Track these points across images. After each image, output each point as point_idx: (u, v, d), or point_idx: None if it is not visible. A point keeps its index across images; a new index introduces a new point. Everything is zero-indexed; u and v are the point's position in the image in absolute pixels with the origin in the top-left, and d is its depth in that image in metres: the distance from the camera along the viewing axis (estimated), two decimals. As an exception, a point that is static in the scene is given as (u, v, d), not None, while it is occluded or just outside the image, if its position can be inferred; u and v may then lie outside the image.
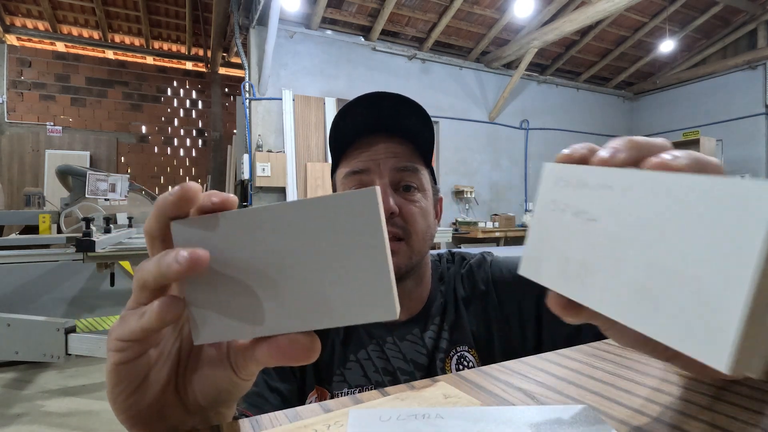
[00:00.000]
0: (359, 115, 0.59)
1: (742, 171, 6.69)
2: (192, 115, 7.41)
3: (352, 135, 0.60)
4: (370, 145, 0.59)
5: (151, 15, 6.30)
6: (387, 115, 0.58)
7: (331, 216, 0.20)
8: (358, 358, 0.61)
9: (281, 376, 0.58)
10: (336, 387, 0.60)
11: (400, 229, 0.58)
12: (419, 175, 0.60)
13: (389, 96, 0.58)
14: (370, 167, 0.58)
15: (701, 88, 7.15)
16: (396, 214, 0.57)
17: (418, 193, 0.60)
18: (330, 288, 0.20)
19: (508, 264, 0.67)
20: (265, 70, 4.91)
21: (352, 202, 0.19)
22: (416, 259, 0.60)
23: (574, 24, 5.19)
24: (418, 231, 0.59)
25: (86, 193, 3.25)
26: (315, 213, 0.20)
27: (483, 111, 6.54)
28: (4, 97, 6.10)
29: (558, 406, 0.25)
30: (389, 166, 0.58)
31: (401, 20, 5.70)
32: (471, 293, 0.66)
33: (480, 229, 5.77)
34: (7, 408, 2.29)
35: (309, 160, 5.11)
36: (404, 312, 0.63)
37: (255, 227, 0.21)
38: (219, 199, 0.22)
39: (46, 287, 3.24)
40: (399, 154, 0.59)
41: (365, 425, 0.24)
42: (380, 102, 0.58)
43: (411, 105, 0.58)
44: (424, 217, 0.60)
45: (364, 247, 0.19)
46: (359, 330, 0.63)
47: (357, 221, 0.19)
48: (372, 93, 0.58)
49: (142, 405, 0.25)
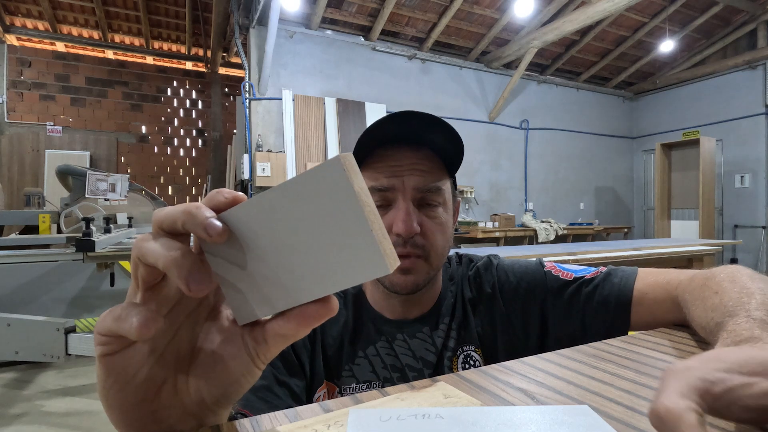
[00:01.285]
0: (388, 128, 0.58)
1: (742, 171, 6.69)
2: (192, 115, 7.40)
3: (377, 144, 0.60)
4: (395, 155, 0.59)
5: (151, 15, 6.30)
6: (414, 128, 0.58)
7: (311, 192, 0.21)
8: (366, 354, 0.62)
9: (290, 370, 0.58)
10: (344, 382, 0.61)
11: (420, 248, 0.58)
12: (442, 192, 0.60)
13: (420, 114, 0.57)
14: (395, 185, 0.58)
15: (701, 88, 7.15)
16: (417, 233, 0.57)
17: (440, 208, 0.60)
18: (327, 256, 0.22)
19: (514, 268, 0.68)
20: (265, 70, 4.91)
21: (323, 174, 0.21)
22: (433, 275, 0.61)
23: (574, 24, 5.19)
24: (437, 247, 0.59)
25: (86, 193, 3.25)
26: (296, 191, 0.22)
27: (483, 111, 6.53)
28: (4, 97, 6.10)
29: (558, 406, 0.25)
30: (412, 184, 0.58)
31: (401, 20, 5.70)
32: (477, 295, 0.67)
33: (480, 229, 5.77)
34: (7, 408, 2.28)
35: (309, 160, 5.11)
36: (415, 310, 0.64)
37: (256, 214, 0.23)
38: (231, 196, 0.24)
39: (46, 287, 3.24)
40: (424, 171, 0.59)
41: (365, 425, 0.24)
42: (410, 119, 0.57)
43: (440, 123, 0.57)
44: (443, 233, 0.60)
45: (344, 213, 0.21)
46: (369, 327, 0.64)
47: (332, 191, 0.21)
48: (403, 111, 0.57)
49: (133, 401, 0.25)
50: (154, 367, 0.26)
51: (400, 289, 0.59)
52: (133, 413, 0.25)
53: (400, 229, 0.55)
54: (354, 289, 0.66)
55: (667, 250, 2.87)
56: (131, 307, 0.23)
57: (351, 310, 0.65)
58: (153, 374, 0.25)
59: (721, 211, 6.86)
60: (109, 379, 0.25)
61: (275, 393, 0.54)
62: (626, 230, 7.45)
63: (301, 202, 0.21)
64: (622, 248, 2.79)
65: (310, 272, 0.22)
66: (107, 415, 0.26)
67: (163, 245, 0.23)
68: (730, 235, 6.79)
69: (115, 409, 0.25)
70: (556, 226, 6.43)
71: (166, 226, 0.24)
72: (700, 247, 3.12)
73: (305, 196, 0.21)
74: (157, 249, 0.22)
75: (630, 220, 8.09)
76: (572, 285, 0.62)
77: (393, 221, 0.56)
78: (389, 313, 0.64)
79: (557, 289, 0.63)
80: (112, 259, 2.61)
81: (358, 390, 0.61)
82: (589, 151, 7.65)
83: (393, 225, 0.56)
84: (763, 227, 6.47)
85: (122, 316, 0.23)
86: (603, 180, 7.84)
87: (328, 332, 0.63)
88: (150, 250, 0.23)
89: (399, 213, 0.56)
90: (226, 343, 0.27)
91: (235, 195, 0.24)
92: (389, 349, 0.62)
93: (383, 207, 0.58)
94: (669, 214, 6.49)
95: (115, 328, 0.23)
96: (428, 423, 0.23)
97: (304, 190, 0.21)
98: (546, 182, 7.17)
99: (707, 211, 5.85)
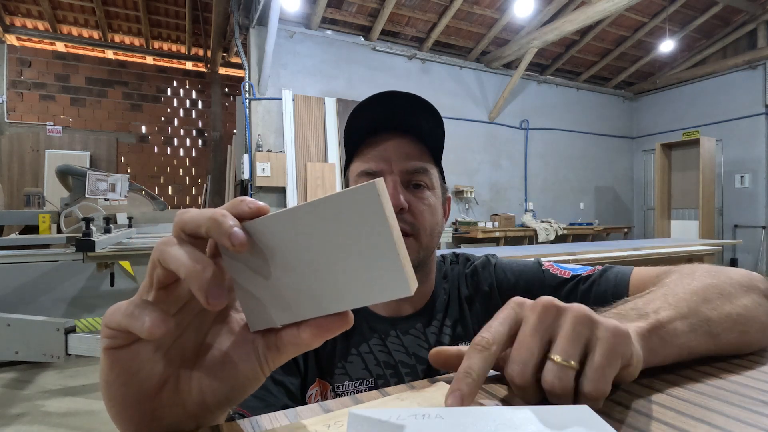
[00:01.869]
0: (373, 113, 0.60)
1: (742, 171, 6.69)
2: (192, 115, 7.40)
3: (366, 132, 0.62)
4: (383, 142, 0.62)
5: (151, 15, 6.30)
6: (400, 113, 0.60)
7: (341, 211, 0.22)
8: (359, 351, 0.62)
9: (286, 369, 0.59)
10: (337, 379, 0.61)
11: (409, 225, 0.59)
12: (429, 174, 0.62)
13: (402, 95, 0.59)
14: (383, 168, 0.60)
15: (701, 88, 7.15)
16: (405, 210, 0.59)
17: (427, 190, 0.62)
18: (351, 274, 0.23)
19: (512, 267, 0.69)
20: (265, 70, 4.91)
21: (357, 197, 0.22)
22: (423, 254, 0.62)
23: (574, 24, 5.19)
24: (426, 227, 0.60)
25: (86, 193, 3.25)
26: (327, 210, 0.22)
27: (483, 111, 6.53)
28: (4, 97, 6.10)
29: (558, 406, 0.25)
30: (400, 167, 0.60)
31: (401, 20, 5.70)
32: (474, 293, 0.68)
33: (480, 229, 5.77)
34: (7, 408, 2.28)
35: (309, 160, 5.11)
36: (408, 306, 0.65)
37: (283, 227, 0.24)
38: (255, 207, 0.24)
39: (46, 287, 3.24)
40: (410, 154, 0.61)
41: (365, 425, 0.24)
42: (393, 100, 0.59)
43: (423, 105, 0.60)
44: (432, 214, 0.62)
45: (373, 234, 0.22)
46: (362, 324, 0.64)
47: (363, 213, 0.22)
48: (385, 92, 0.59)
49: (134, 397, 0.25)
50: (158, 364, 0.26)
51: None
52: (133, 409, 0.25)
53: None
54: None
55: (667, 250, 2.87)
56: (144, 305, 0.23)
57: None
58: (157, 371, 0.26)
59: (721, 211, 6.87)
60: (112, 372, 0.25)
61: (271, 391, 0.55)
62: (626, 230, 7.45)
63: (333, 221, 0.22)
64: (622, 248, 2.79)
65: (333, 287, 0.23)
66: (107, 408, 0.26)
67: (188, 255, 0.23)
68: (730, 235, 6.79)
69: (115, 404, 0.25)
70: (556, 226, 6.43)
71: (189, 229, 0.24)
72: (700, 247, 3.12)
73: (338, 216, 0.22)
74: (181, 257, 0.23)
75: (630, 220, 8.09)
76: (569, 282, 0.63)
77: None
78: (382, 309, 0.65)
79: (555, 287, 0.64)
80: (112, 259, 2.61)
81: (351, 387, 0.61)
82: (589, 151, 7.65)
83: None
84: (763, 227, 6.47)
85: (135, 314, 0.23)
86: (603, 180, 7.84)
87: None
88: (173, 257, 0.23)
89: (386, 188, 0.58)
90: (235, 347, 0.27)
91: (259, 206, 0.24)
92: (382, 346, 0.63)
93: None
94: (669, 214, 6.49)
95: (125, 324, 0.23)
96: (428, 423, 0.23)
97: (337, 210, 0.22)
98: (546, 182, 7.17)
99: (707, 211, 5.85)
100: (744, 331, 0.38)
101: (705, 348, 0.36)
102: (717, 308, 0.38)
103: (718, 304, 0.39)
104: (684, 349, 0.35)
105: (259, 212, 0.24)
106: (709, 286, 0.41)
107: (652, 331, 0.33)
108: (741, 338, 0.38)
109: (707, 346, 0.36)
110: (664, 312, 0.36)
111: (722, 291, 0.40)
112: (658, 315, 0.35)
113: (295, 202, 4.97)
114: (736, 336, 0.37)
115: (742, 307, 0.39)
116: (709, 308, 0.38)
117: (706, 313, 0.37)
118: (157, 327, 0.22)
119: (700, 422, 0.26)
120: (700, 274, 0.44)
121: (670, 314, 0.36)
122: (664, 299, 0.38)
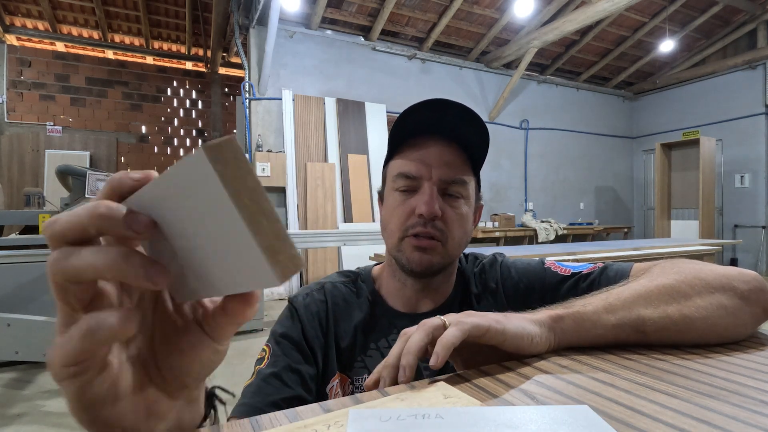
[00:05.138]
0: (422, 115, 0.61)
1: (742, 171, 6.69)
2: (192, 115, 7.40)
3: (411, 132, 0.63)
4: (426, 146, 0.62)
5: (151, 15, 6.30)
6: (448, 120, 0.61)
7: (182, 189, 0.18)
8: (378, 346, 0.64)
9: (304, 358, 0.61)
10: (356, 373, 0.63)
11: (439, 231, 0.61)
12: (466, 185, 0.63)
13: (454, 104, 0.60)
14: (423, 173, 0.61)
15: (701, 88, 7.15)
16: (438, 218, 0.60)
17: (462, 200, 0.63)
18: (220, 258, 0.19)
19: (516, 265, 0.71)
20: (265, 70, 4.90)
21: (189, 173, 0.17)
22: (448, 261, 0.64)
23: (574, 24, 5.19)
24: (455, 236, 0.62)
25: (86, 193, 3.25)
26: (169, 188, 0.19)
27: (483, 111, 6.53)
28: (4, 97, 6.10)
29: (558, 406, 0.25)
30: (440, 174, 0.61)
31: (401, 20, 5.70)
32: (483, 290, 0.70)
33: (480, 228, 5.77)
34: (7, 408, 2.28)
35: (309, 160, 5.11)
36: (429, 303, 0.67)
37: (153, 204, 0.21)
38: (141, 175, 0.22)
39: (46, 287, 3.22)
40: (451, 163, 0.62)
41: (365, 425, 0.24)
42: (444, 108, 0.61)
43: (473, 117, 0.61)
44: (462, 225, 0.63)
45: (221, 216, 0.17)
46: (381, 319, 0.66)
47: (203, 191, 0.17)
48: (438, 99, 0.60)
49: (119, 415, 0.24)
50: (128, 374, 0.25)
51: (415, 266, 0.61)
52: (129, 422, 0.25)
53: (423, 210, 0.59)
54: (368, 284, 0.69)
55: (667, 250, 2.87)
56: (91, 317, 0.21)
57: (366, 304, 0.67)
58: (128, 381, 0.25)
59: (721, 211, 6.86)
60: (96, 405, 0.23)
61: (284, 380, 0.56)
62: (626, 230, 7.45)
63: (183, 199, 0.18)
64: (622, 248, 2.79)
65: (214, 270, 0.20)
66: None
67: (100, 254, 0.20)
68: (730, 234, 6.79)
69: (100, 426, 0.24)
70: (556, 225, 6.43)
71: (72, 237, 0.21)
72: (700, 246, 3.12)
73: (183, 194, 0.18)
74: (96, 261, 0.20)
75: (630, 220, 8.09)
76: (570, 280, 0.64)
77: (416, 204, 0.60)
78: (402, 305, 0.66)
79: (555, 284, 0.65)
80: (112, 259, 2.61)
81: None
82: (589, 151, 7.65)
83: (416, 207, 0.60)
84: (763, 227, 6.47)
85: (91, 328, 0.20)
86: (603, 180, 7.84)
87: (341, 325, 0.65)
88: (85, 266, 0.20)
89: (423, 196, 0.60)
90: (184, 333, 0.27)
91: (146, 173, 0.22)
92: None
93: (409, 192, 0.62)
94: (669, 213, 6.49)
95: (88, 344, 0.20)
96: (428, 423, 0.23)
97: (178, 188, 0.18)
98: (546, 182, 7.17)
99: (707, 211, 5.85)
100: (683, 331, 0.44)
101: (634, 339, 0.44)
102: (658, 308, 0.44)
103: (660, 305, 0.44)
104: (606, 337, 0.44)
105: (148, 178, 0.22)
106: (663, 287, 0.46)
107: (567, 317, 0.44)
108: (678, 336, 0.44)
109: (636, 337, 0.44)
110: (591, 306, 0.45)
111: (677, 292, 0.45)
112: (584, 307, 0.45)
113: (295, 202, 4.97)
114: (673, 333, 0.44)
115: (694, 308, 0.44)
116: (648, 308, 0.44)
117: (642, 312, 0.44)
118: (128, 320, 0.21)
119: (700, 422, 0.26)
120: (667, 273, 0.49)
121: (595, 308, 0.45)
122: (605, 297, 0.46)
